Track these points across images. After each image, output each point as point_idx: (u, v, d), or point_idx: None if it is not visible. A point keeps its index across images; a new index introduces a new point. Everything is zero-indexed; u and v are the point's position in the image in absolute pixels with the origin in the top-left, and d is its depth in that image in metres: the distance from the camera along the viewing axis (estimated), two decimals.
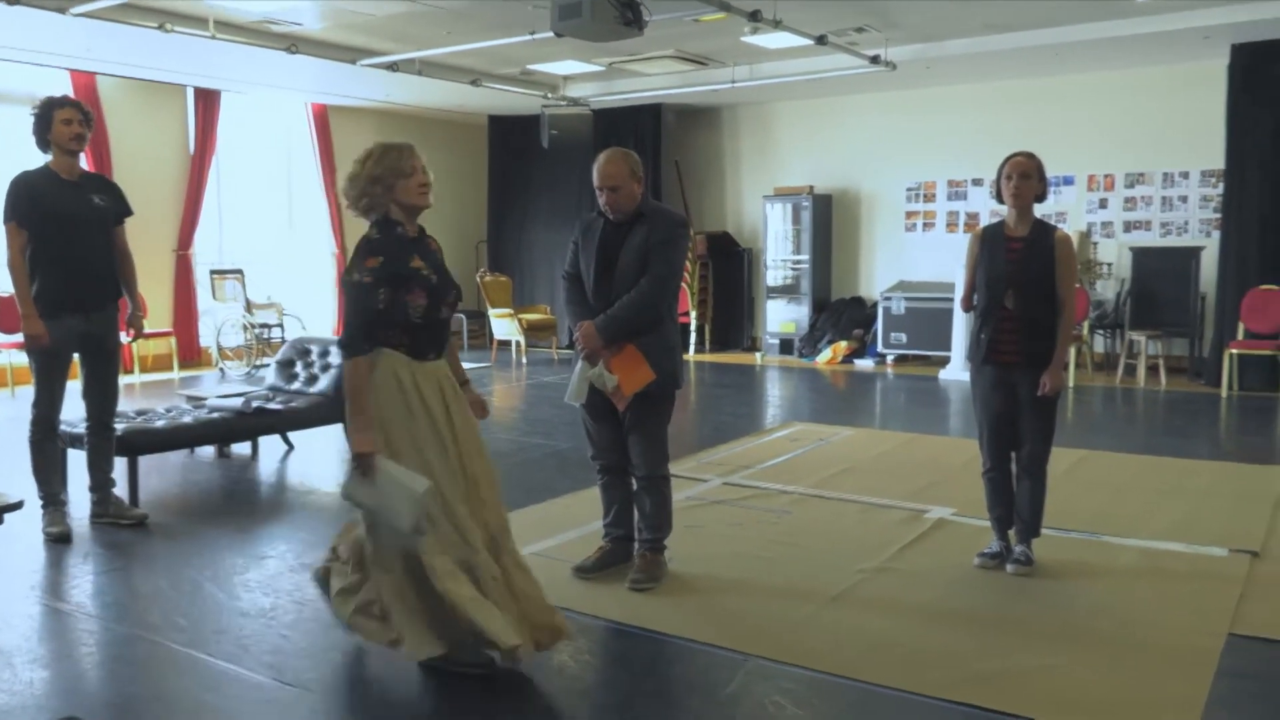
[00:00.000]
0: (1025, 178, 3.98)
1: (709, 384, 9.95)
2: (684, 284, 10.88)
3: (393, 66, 9.48)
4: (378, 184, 3.11)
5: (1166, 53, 9.02)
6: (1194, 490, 5.44)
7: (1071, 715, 2.90)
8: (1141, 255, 9.59)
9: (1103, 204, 10.14)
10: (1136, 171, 9.95)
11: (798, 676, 3.17)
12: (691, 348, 11.81)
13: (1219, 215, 9.18)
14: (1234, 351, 8.56)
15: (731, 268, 12.29)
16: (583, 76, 10.93)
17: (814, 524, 4.85)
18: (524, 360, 11.42)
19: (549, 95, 11.39)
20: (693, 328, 11.82)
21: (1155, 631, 3.50)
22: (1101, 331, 10.08)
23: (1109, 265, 9.96)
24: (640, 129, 11.73)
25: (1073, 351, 9.06)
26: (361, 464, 3.03)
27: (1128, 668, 3.21)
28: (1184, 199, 9.76)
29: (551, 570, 4.10)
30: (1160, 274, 9.46)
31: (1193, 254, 9.36)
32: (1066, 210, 10.20)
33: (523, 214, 12.96)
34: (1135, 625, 3.56)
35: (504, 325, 11.73)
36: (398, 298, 3.07)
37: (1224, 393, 8.55)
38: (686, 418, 7.89)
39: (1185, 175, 9.72)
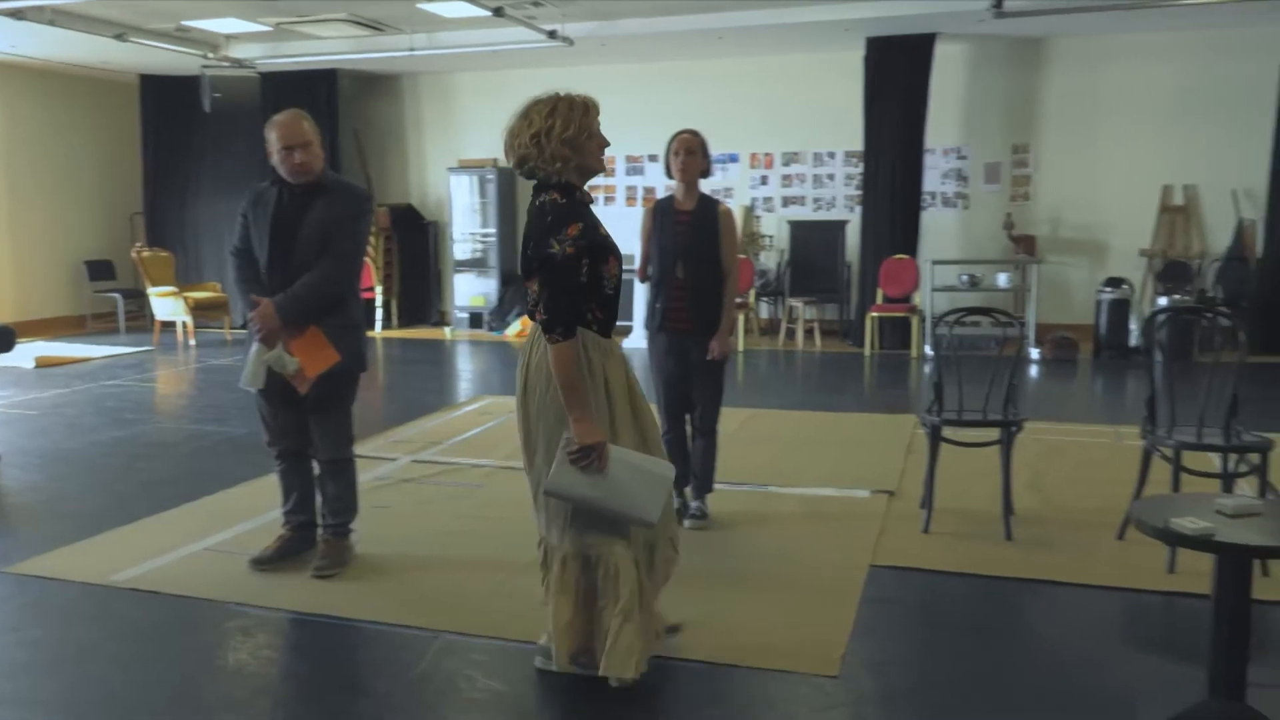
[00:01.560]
0: (691, 154, 4.21)
1: (397, 361, 9.73)
2: (368, 259, 10.51)
3: (18, 14, 8.35)
4: (567, 145, 2.81)
5: (814, 42, 9.84)
6: (844, 440, 6.04)
7: (739, 653, 3.13)
8: (798, 228, 10.47)
9: (764, 180, 10.94)
10: (792, 151, 10.81)
11: (489, 648, 3.19)
12: (378, 324, 11.47)
13: (860, 192, 10.21)
14: (874, 315, 9.58)
15: (417, 241, 12.03)
16: (247, 36, 10.20)
17: (506, 496, 4.89)
18: (192, 342, 10.57)
19: (209, 55, 10.52)
20: (378, 304, 11.48)
21: (811, 569, 3.87)
22: (765, 299, 10.91)
23: (770, 238, 10.77)
24: (314, 95, 11.14)
25: (740, 318, 9.74)
26: (593, 455, 2.70)
27: (788, 604, 3.53)
28: (831, 177, 10.75)
29: (226, 566, 3.86)
30: (814, 245, 10.38)
31: (840, 227, 10.35)
32: (733, 186, 10.91)
33: (184, 184, 11.92)
34: (794, 565, 3.91)
35: (167, 305, 10.76)
36: (595, 268, 2.78)
37: (867, 351, 9.56)
38: (373, 396, 7.67)
39: (832, 155, 10.69)
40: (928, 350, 8.65)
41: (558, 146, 2.81)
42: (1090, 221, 9.81)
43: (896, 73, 9.61)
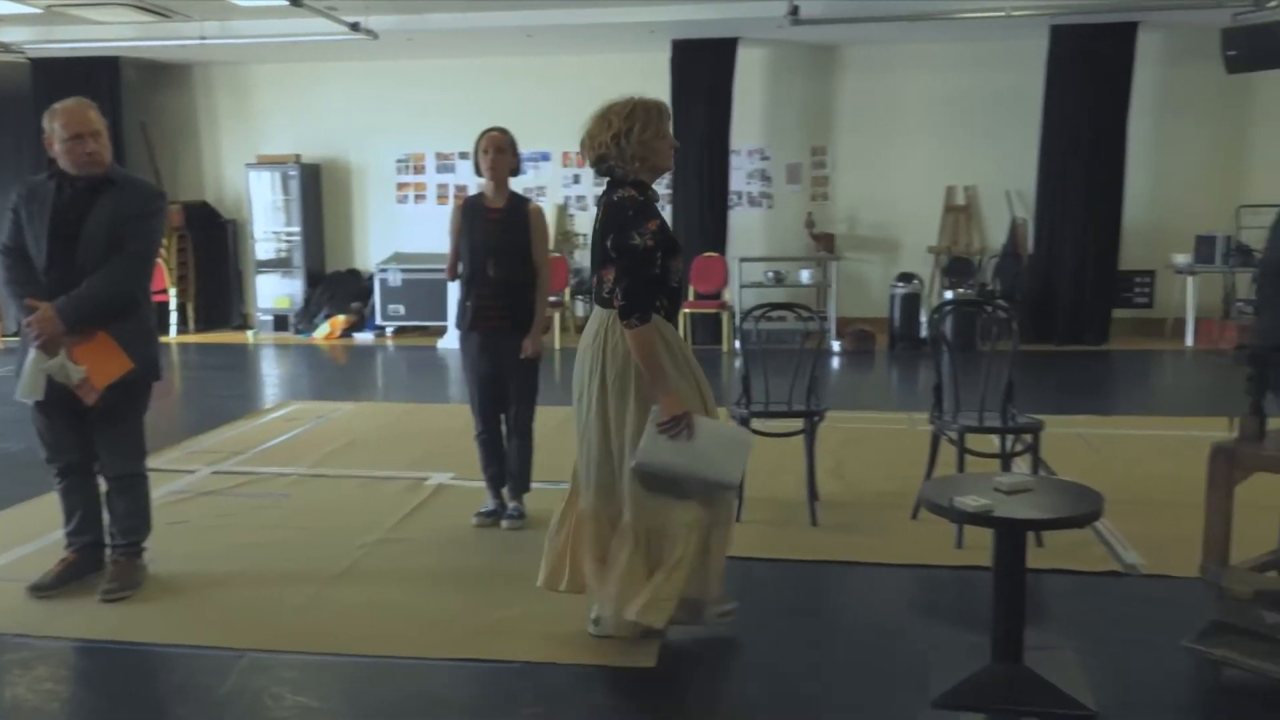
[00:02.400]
0: (500, 152, 4.18)
1: (195, 367, 9.20)
2: (160, 260, 9.89)
3: None
4: (645, 146, 3.02)
5: (622, 43, 9.97)
6: None
7: (558, 650, 3.15)
8: None
9: (576, 179, 10.99)
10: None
11: (298, 663, 3.08)
12: (173, 329, 10.81)
13: (670, 191, 10.41)
14: (686, 311, 9.80)
15: (214, 240, 11.40)
16: (14, 19, 9.36)
17: (314, 504, 4.72)
18: None
19: None
20: (173, 307, 10.82)
21: None
22: (581, 297, 10.97)
23: (584, 236, 10.84)
24: (94, 85, 10.34)
25: (555, 317, 9.76)
26: (682, 424, 2.90)
27: None
28: None
29: (1, 594, 3.55)
30: None
31: None
32: (545, 185, 10.90)
33: None
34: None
35: None
36: (665, 262, 3.00)
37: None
38: (168, 405, 7.22)
39: None
40: (738, 345, 8.94)
41: (636, 147, 3.02)
42: (884, 220, 10.38)
43: (701, 75, 9.87)
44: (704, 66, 9.84)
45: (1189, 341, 9.40)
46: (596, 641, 3.19)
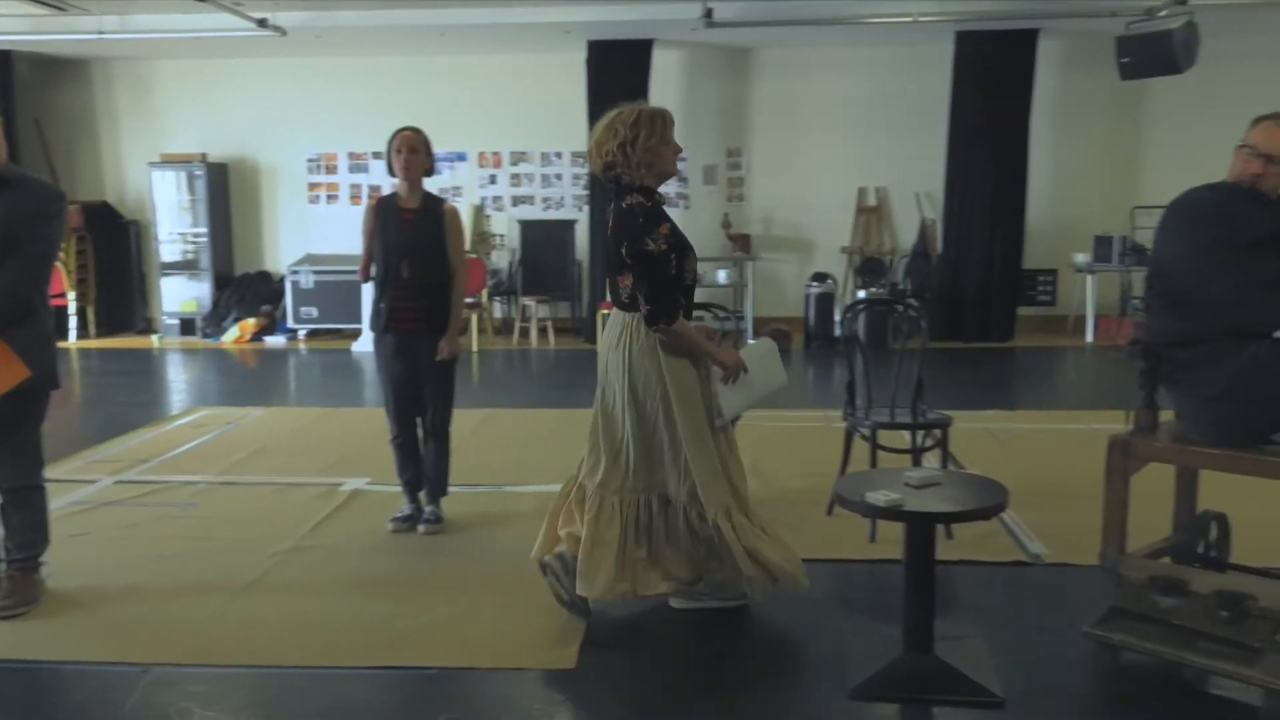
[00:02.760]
0: (414, 152, 4.13)
1: (96, 373, 8.87)
2: (58, 263, 9.51)
3: None
4: (650, 153, 3.16)
5: (537, 43, 9.93)
6: (580, 436, 6.09)
7: (475, 655, 3.12)
8: (528, 228, 10.54)
9: (493, 180, 10.91)
10: (520, 150, 10.85)
11: (206, 677, 2.99)
12: (72, 334, 10.41)
13: (587, 192, 10.42)
14: (604, 311, 9.78)
15: (116, 242, 11.00)
16: None
17: (223, 513, 4.60)
18: None
19: None
20: (72, 311, 10.42)
21: None
22: (499, 298, 10.90)
23: (501, 237, 10.77)
24: None
25: (474, 318, 9.68)
26: (738, 369, 3.22)
27: (526, 602, 3.54)
28: (560, 177, 10.89)
29: None
30: (544, 245, 10.49)
31: (569, 226, 10.52)
32: (462, 185, 10.79)
33: None
34: (532, 563, 3.93)
35: None
36: (679, 263, 3.14)
37: (598, 347, 9.77)
38: (67, 414, 6.95)
39: (559, 155, 10.84)
40: None
41: (642, 154, 3.17)
42: (798, 221, 10.54)
43: (617, 76, 9.87)
44: (620, 68, 9.86)
45: (1089, 338, 9.75)
46: (515, 644, 3.17)
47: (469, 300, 9.55)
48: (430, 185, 4.33)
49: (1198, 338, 2.93)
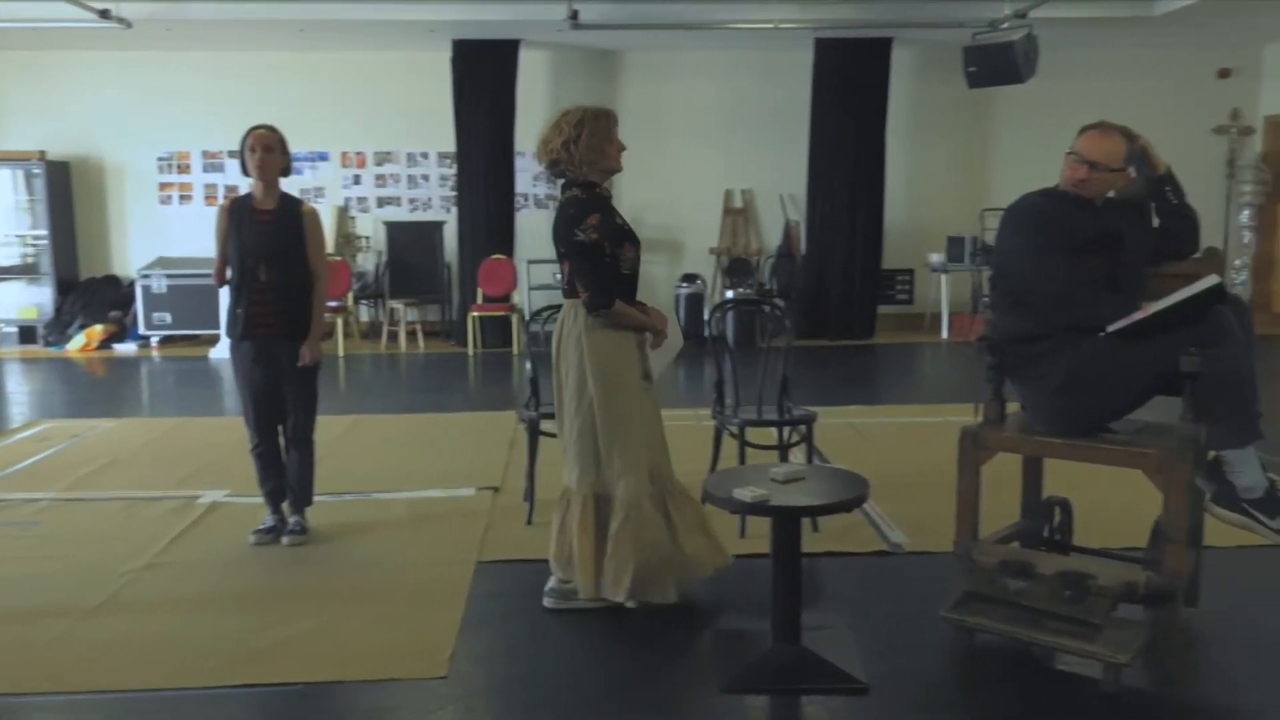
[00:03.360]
0: (269, 151, 3.99)
1: None
2: None
3: None
4: (593, 150, 3.32)
5: (401, 41, 9.74)
6: (450, 440, 6.06)
7: (344, 668, 3.04)
8: (395, 229, 10.32)
9: (357, 180, 10.64)
10: (385, 150, 10.62)
11: (51, 705, 2.83)
12: None
13: (455, 193, 10.28)
14: (476, 314, 9.71)
15: None
16: None
17: (69, 531, 4.35)
18: None
19: None
20: None
21: (417, 573, 3.84)
22: (365, 301, 10.64)
23: (367, 239, 10.52)
24: None
25: (339, 322, 9.43)
26: (666, 329, 3.48)
27: (396, 611, 3.48)
28: (426, 177, 10.71)
29: None
30: (412, 246, 10.30)
31: (437, 228, 10.36)
32: (324, 185, 10.49)
33: None
34: (403, 571, 3.87)
35: None
36: (613, 252, 3.30)
37: (471, 351, 9.66)
38: None
39: (426, 155, 10.65)
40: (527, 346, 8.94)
41: (584, 151, 3.33)
42: (668, 222, 10.65)
43: (484, 76, 9.79)
44: (486, 68, 9.78)
45: (944, 335, 10.19)
46: (385, 655, 3.11)
47: (332, 304, 9.30)
48: (292, 186, 4.20)
49: (1037, 334, 3.10)
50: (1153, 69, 10.43)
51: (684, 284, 9.90)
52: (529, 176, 10.54)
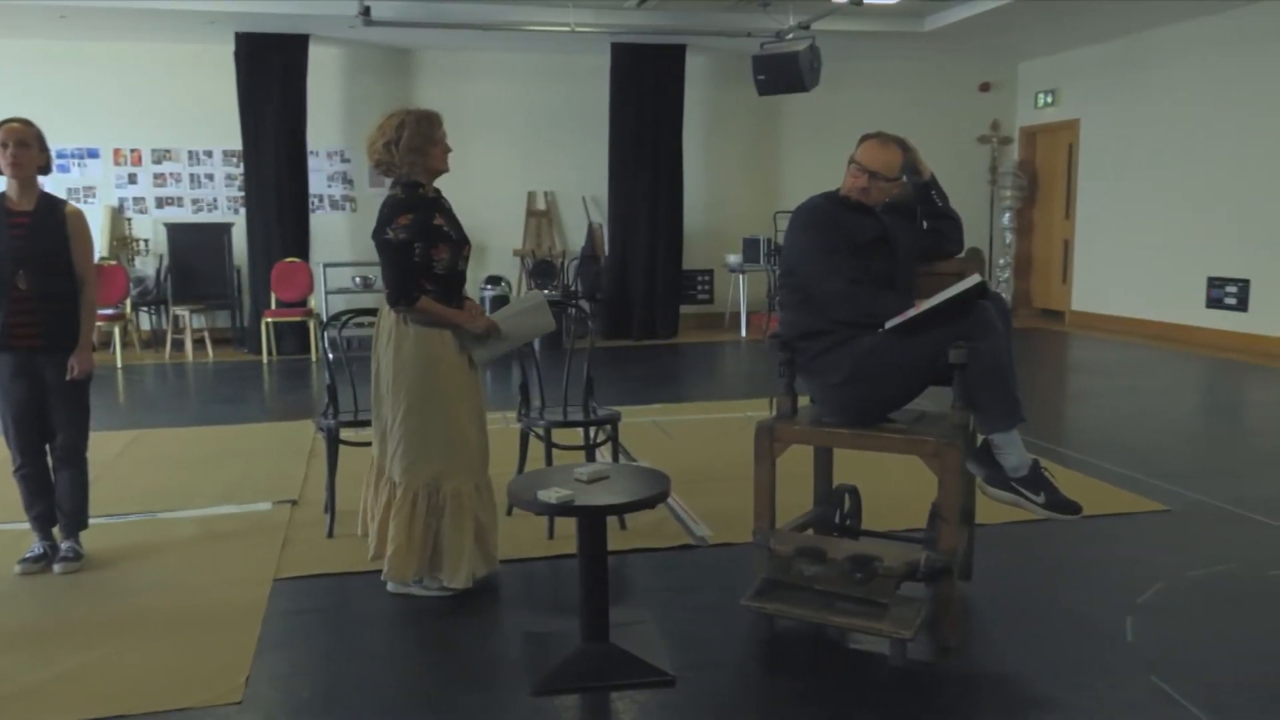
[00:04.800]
0: (23, 146, 3.67)
1: None
2: None
3: None
4: (414, 152, 3.41)
5: (179, 32, 9.18)
6: (245, 452, 5.77)
7: (128, 701, 2.84)
8: (177, 231, 9.71)
9: (133, 179, 9.95)
10: (164, 148, 9.98)
11: None
12: None
13: (244, 194, 9.78)
14: (269, 320, 9.27)
15: None
16: None
17: None
18: None
19: None
20: None
21: (210, 595, 3.64)
22: (146, 308, 9.97)
23: (146, 241, 9.86)
24: None
25: (116, 330, 8.80)
26: (490, 330, 3.57)
27: (186, 637, 3.28)
28: (211, 177, 10.14)
29: None
30: (197, 249, 9.73)
31: (224, 230, 9.82)
32: (95, 185, 9.75)
33: None
34: (192, 594, 3.65)
35: None
36: (424, 252, 3.38)
37: (265, 358, 9.22)
38: None
39: (210, 154, 10.09)
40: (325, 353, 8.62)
41: (405, 152, 3.42)
42: (470, 224, 10.21)
43: (271, 72, 9.38)
44: (274, 62, 9.37)
45: (743, 333, 10.58)
46: (175, 684, 2.92)
47: (107, 311, 8.66)
48: (58, 186, 3.89)
49: (822, 330, 3.27)
50: (923, 81, 11.21)
51: (489, 286, 9.82)
52: (323, 177, 10.19)
